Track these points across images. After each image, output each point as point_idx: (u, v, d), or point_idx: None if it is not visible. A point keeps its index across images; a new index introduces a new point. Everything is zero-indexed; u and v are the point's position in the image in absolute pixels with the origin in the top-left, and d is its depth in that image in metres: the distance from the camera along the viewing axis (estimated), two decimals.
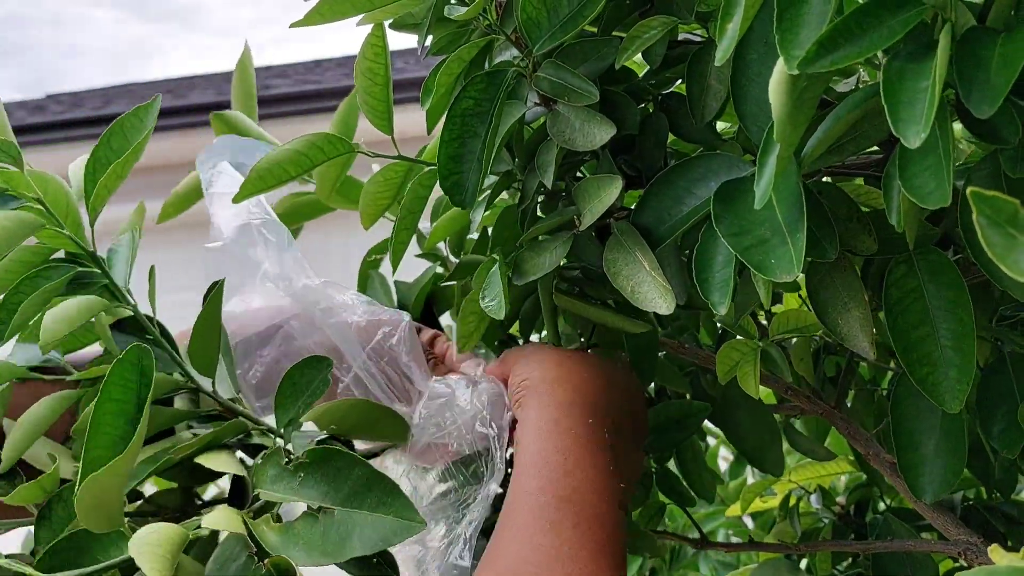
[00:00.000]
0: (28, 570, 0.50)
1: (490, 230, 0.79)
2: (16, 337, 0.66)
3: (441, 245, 0.90)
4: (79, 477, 0.48)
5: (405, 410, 0.70)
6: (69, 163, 0.68)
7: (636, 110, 0.64)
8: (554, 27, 0.57)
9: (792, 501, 0.89)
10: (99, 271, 0.63)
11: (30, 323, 0.61)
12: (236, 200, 0.70)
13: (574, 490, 0.56)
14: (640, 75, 0.68)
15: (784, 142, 0.45)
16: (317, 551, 0.51)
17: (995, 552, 0.40)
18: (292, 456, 0.56)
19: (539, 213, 0.70)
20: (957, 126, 0.52)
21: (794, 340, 0.70)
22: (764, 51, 0.53)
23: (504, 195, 0.75)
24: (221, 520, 0.53)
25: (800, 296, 0.85)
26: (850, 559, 0.82)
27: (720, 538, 1.26)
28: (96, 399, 0.50)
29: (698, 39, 0.68)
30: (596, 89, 0.57)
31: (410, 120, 0.72)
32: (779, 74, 0.44)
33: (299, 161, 0.71)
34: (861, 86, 0.66)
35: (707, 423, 0.87)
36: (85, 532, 0.52)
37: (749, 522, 1.13)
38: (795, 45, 0.44)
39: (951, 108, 0.45)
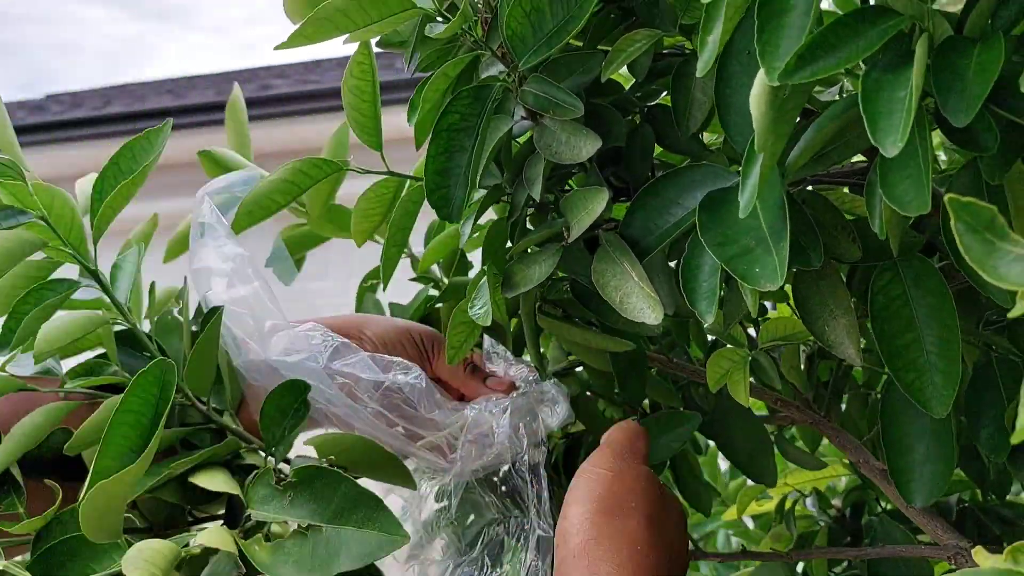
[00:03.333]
0: (24, 573, 0.51)
1: (469, 255, 0.79)
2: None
3: (435, 268, 0.91)
4: (87, 484, 0.49)
5: (432, 451, 0.70)
6: (69, 163, 0.68)
7: (622, 122, 0.64)
8: (539, 42, 0.58)
9: (788, 504, 0.89)
10: (99, 287, 0.64)
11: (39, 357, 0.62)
12: (236, 230, 0.70)
13: None
14: (627, 88, 0.69)
15: (766, 152, 0.46)
16: (306, 568, 0.52)
17: (979, 554, 0.41)
18: (283, 476, 0.56)
19: (528, 226, 0.70)
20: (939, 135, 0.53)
21: (783, 348, 0.70)
22: (747, 62, 0.53)
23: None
24: (213, 538, 0.53)
25: (790, 305, 0.85)
26: (846, 562, 0.83)
27: (720, 539, 1.27)
28: (116, 408, 0.51)
29: (683, 51, 0.68)
30: (581, 103, 0.58)
31: (399, 122, 0.73)
32: (760, 85, 0.44)
33: (287, 189, 0.72)
34: (845, 95, 0.67)
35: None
36: (77, 540, 0.53)
37: (750, 522, 1.13)
38: (776, 57, 0.44)
39: (930, 117, 0.46)
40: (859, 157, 0.64)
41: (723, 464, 1.35)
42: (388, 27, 0.60)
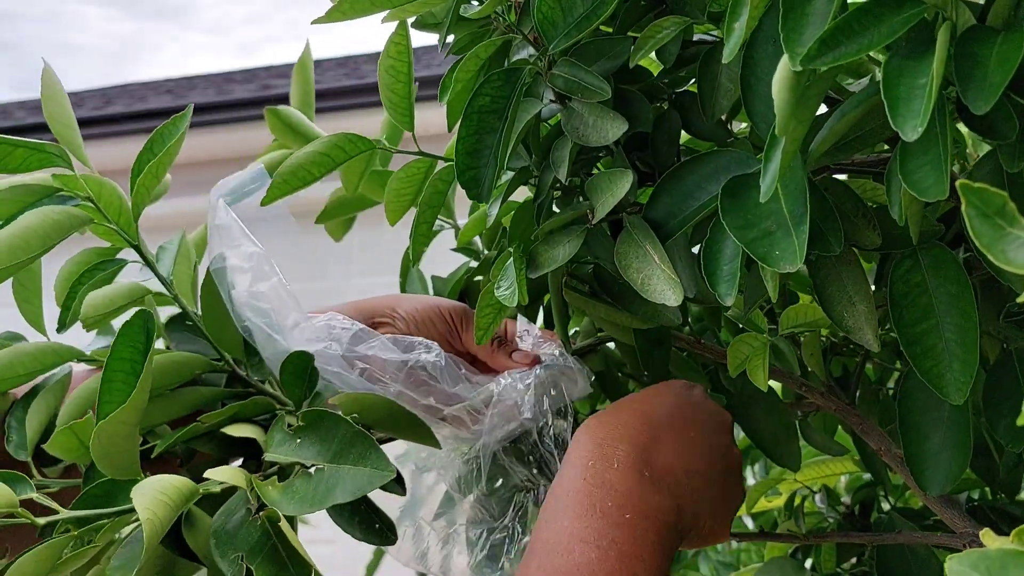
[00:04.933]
0: (52, 503, 0.55)
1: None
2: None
3: (476, 240, 0.92)
4: (96, 427, 0.54)
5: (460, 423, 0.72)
6: None
7: (649, 108, 0.65)
8: (569, 26, 0.59)
9: (797, 501, 0.90)
10: (143, 262, 0.68)
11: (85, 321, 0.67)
12: (264, 203, 0.73)
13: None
14: (655, 74, 0.70)
15: (788, 137, 0.47)
16: (307, 502, 0.56)
17: (987, 536, 0.41)
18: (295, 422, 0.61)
19: (555, 208, 0.72)
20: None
21: (804, 335, 0.71)
22: (772, 50, 0.54)
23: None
24: (225, 475, 0.58)
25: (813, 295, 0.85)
26: (855, 559, 0.83)
27: None
28: (108, 357, 0.56)
29: (712, 39, 0.69)
30: (608, 86, 0.59)
31: (426, 118, 0.75)
32: (783, 70, 0.45)
33: (322, 162, 0.74)
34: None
35: None
36: (111, 483, 0.57)
37: (749, 522, 1.13)
38: (798, 42, 0.45)
39: (951, 105, 0.47)
40: (883, 147, 0.64)
41: None
42: (424, 7, 0.62)
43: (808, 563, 0.87)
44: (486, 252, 0.91)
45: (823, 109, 0.55)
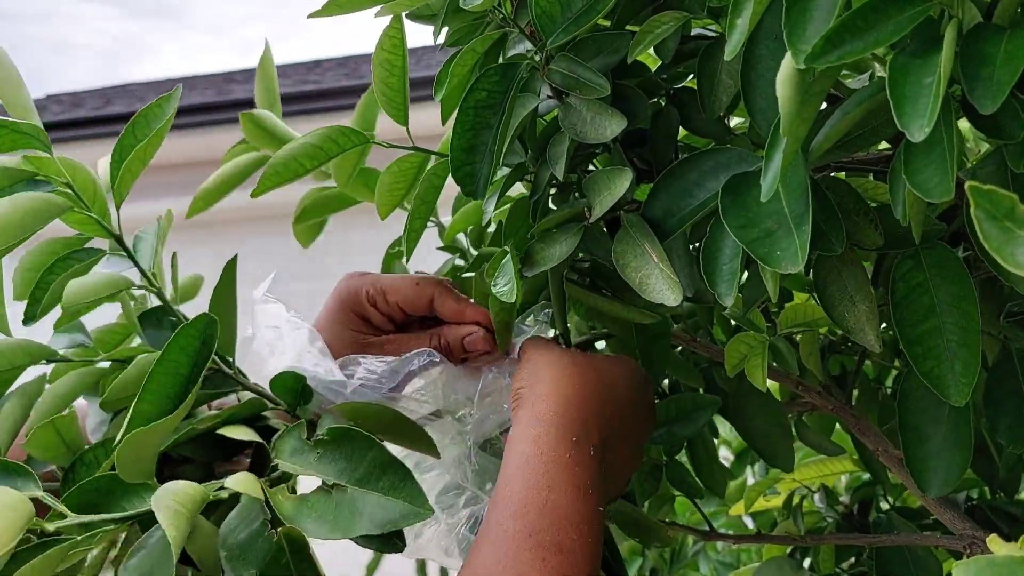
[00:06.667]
0: (60, 505, 0.52)
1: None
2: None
3: (461, 237, 0.91)
4: (126, 424, 0.52)
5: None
6: None
7: (647, 104, 0.64)
8: (567, 21, 0.58)
9: (795, 500, 0.89)
10: (124, 253, 0.66)
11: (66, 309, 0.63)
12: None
13: (548, 524, 0.56)
14: (653, 69, 0.69)
15: (791, 136, 0.46)
16: (328, 525, 0.52)
17: (994, 542, 0.41)
18: (314, 432, 0.57)
19: (551, 205, 0.71)
20: (966, 123, 0.53)
21: (801, 335, 0.70)
22: (774, 46, 0.53)
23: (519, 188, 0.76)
24: (242, 482, 0.54)
25: (813, 295, 0.85)
26: (853, 558, 0.82)
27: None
28: (158, 357, 0.54)
29: (711, 34, 0.68)
30: (607, 82, 0.58)
31: (415, 119, 0.73)
32: (786, 68, 0.44)
33: (314, 154, 0.73)
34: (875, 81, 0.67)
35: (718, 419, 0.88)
36: (108, 479, 0.54)
37: (749, 522, 1.13)
38: (802, 40, 0.44)
39: (957, 104, 0.46)
40: (884, 145, 0.64)
41: (724, 464, 1.34)
42: (420, 0, 0.61)
43: (806, 563, 0.87)
44: (472, 251, 0.90)
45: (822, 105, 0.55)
